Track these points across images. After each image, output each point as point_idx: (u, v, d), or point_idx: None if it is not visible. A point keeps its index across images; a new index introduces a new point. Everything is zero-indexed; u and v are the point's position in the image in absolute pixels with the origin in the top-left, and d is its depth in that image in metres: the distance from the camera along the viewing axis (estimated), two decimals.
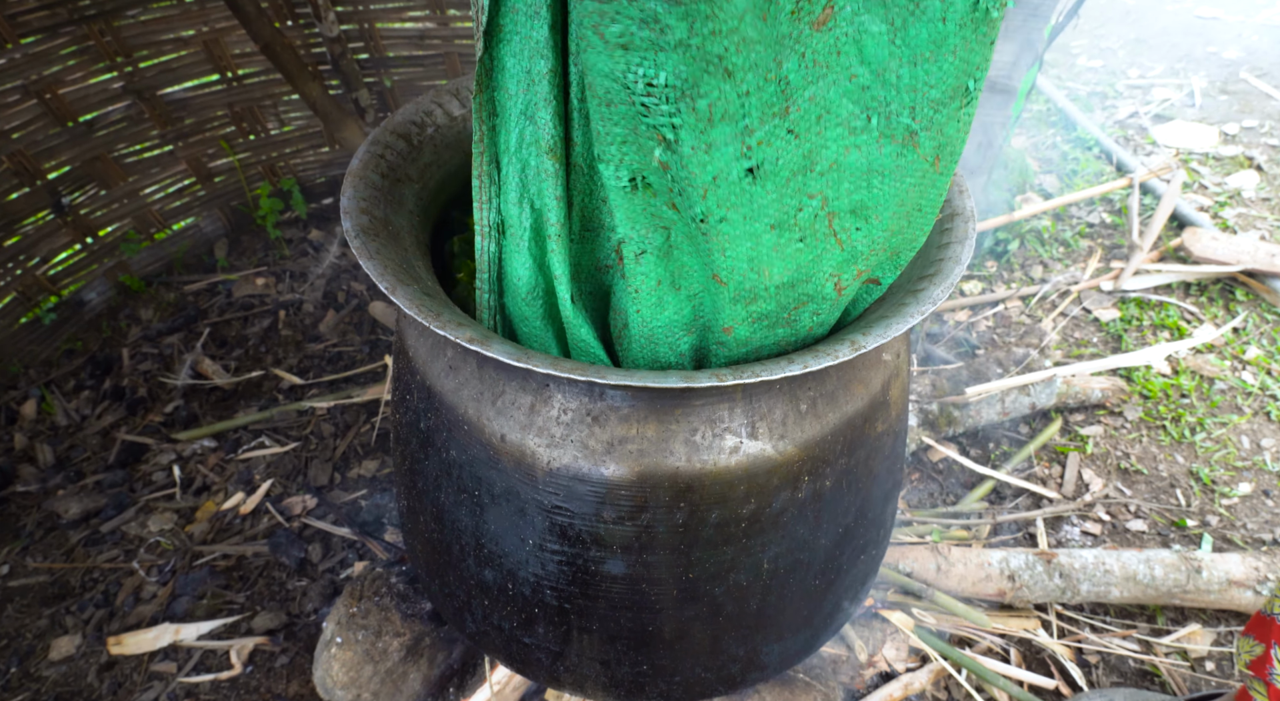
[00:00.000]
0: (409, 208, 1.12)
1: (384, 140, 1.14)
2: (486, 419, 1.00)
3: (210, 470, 2.09)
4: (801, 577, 1.12)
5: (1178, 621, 1.70)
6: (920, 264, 1.02)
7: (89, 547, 1.94)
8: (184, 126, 2.43)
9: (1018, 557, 1.68)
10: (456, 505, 1.09)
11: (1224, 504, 1.88)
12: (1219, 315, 2.30)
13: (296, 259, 2.65)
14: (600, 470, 0.97)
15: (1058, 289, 2.39)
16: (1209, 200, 2.67)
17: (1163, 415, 2.06)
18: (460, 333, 0.86)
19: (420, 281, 0.97)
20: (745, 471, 0.98)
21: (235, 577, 1.88)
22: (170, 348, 2.40)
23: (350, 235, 0.97)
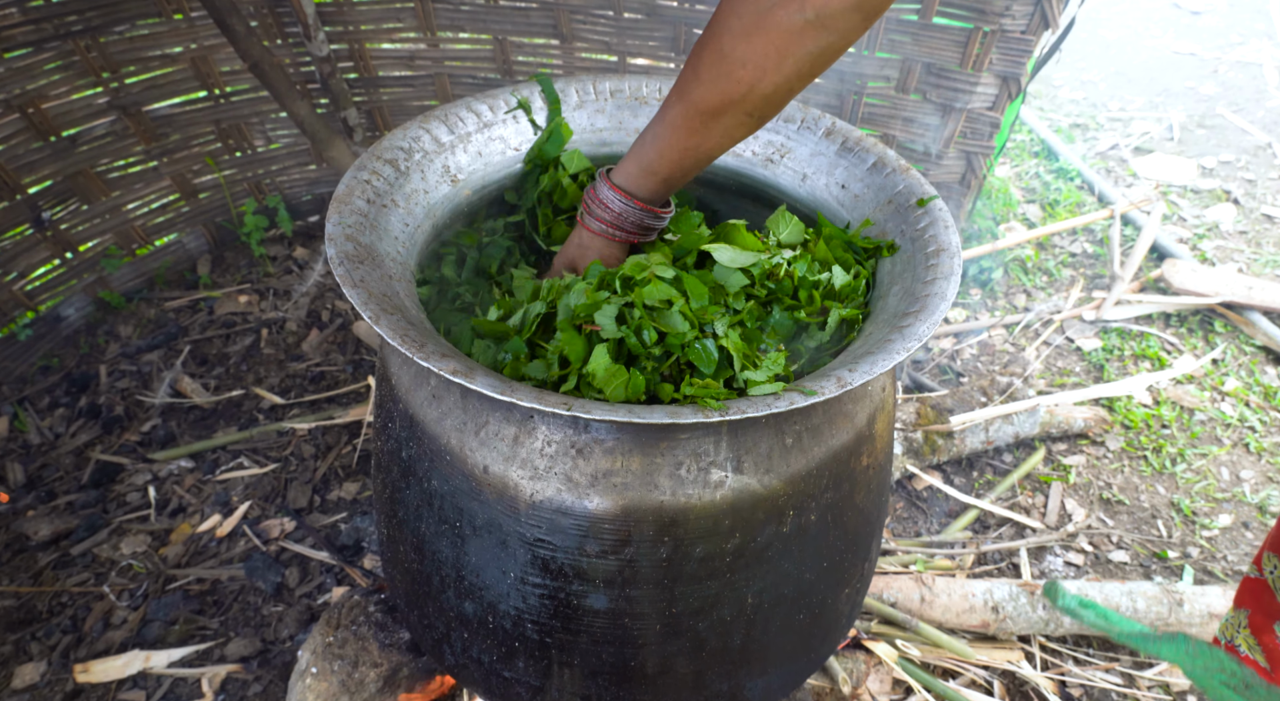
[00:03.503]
0: (394, 234, 1.11)
1: (370, 166, 1.14)
2: (469, 450, 0.99)
3: (187, 491, 2.06)
4: (786, 612, 1.11)
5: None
6: (906, 299, 1.02)
7: (58, 570, 1.90)
8: (169, 142, 2.41)
9: (1002, 589, 1.68)
10: (437, 536, 1.08)
11: (1205, 535, 1.89)
12: (1198, 346, 2.32)
13: (280, 277, 2.63)
14: (584, 503, 0.95)
15: (1040, 318, 2.41)
16: (1188, 232, 2.71)
17: (1144, 445, 2.07)
18: (444, 364, 0.85)
19: (404, 310, 0.96)
20: (730, 506, 0.97)
21: (209, 602, 1.84)
22: (149, 365, 2.37)
23: (334, 262, 0.96)
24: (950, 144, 2.18)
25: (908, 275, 1.07)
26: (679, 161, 1.00)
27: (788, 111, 1.32)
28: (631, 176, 1.06)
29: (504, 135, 1.30)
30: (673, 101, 0.95)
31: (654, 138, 0.99)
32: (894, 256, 1.13)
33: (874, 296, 1.12)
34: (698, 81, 0.89)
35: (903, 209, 1.16)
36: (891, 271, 1.11)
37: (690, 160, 0.99)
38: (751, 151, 1.34)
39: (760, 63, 0.84)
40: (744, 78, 0.86)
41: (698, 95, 0.90)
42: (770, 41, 0.82)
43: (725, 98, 0.89)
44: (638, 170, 1.04)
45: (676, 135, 0.96)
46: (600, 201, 1.09)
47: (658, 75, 1.38)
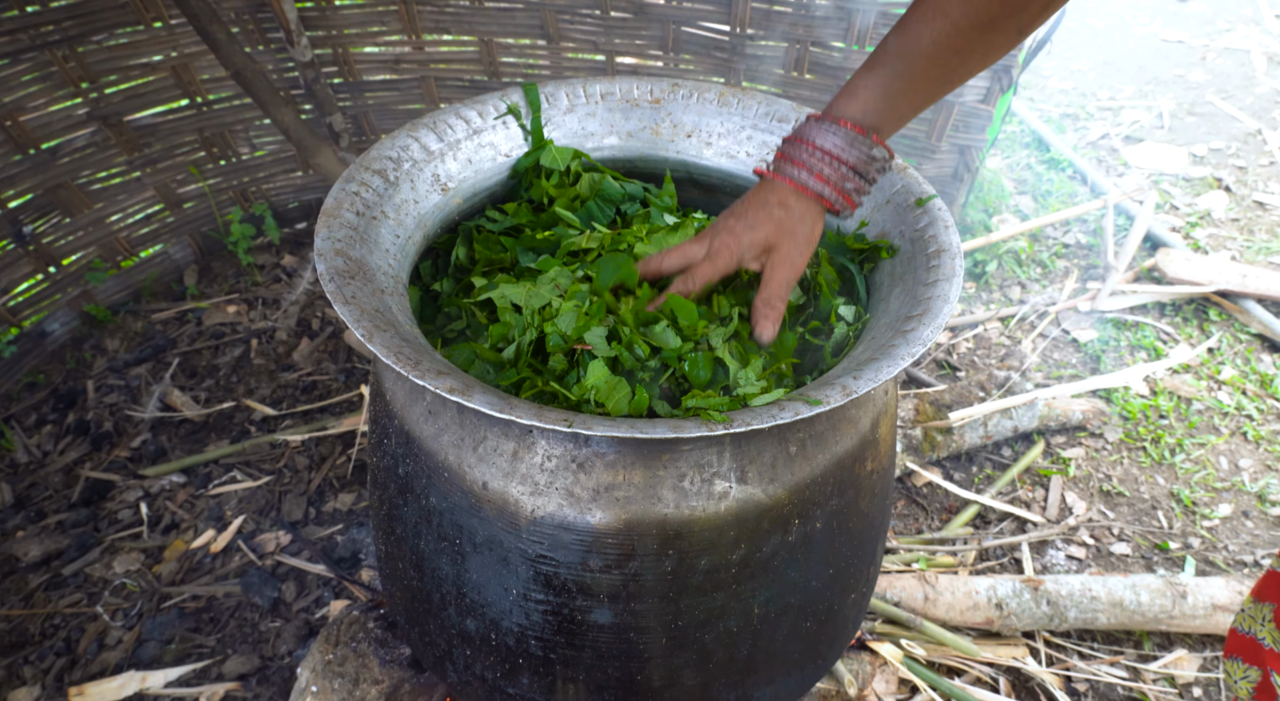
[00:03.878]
0: (385, 246, 1.08)
1: (359, 177, 1.11)
2: (467, 466, 0.97)
3: (179, 507, 2.03)
4: (793, 620, 1.09)
5: (1164, 646, 1.69)
6: (908, 302, 1.01)
7: (50, 592, 1.87)
8: (152, 152, 2.38)
9: (1005, 585, 1.67)
10: (437, 553, 1.06)
11: (1205, 525, 1.88)
12: (1194, 335, 2.32)
13: (269, 285, 2.60)
14: (586, 518, 0.94)
15: (1036, 310, 2.40)
16: (1180, 221, 2.71)
17: (1143, 436, 2.07)
18: (440, 382, 0.83)
19: (397, 326, 0.94)
20: (735, 516, 0.95)
21: (205, 619, 1.82)
22: (138, 379, 2.34)
23: (325, 279, 0.94)
24: (942, 137, 2.16)
25: (908, 277, 1.06)
26: (929, 88, 0.86)
27: (781, 111, 1.31)
28: (869, 110, 0.89)
29: (494, 141, 1.28)
30: (927, 17, 0.82)
31: (904, 66, 0.85)
32: (894, 257, 1.12)
33: (874, 299, 1.10)
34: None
35: (901, 209, 1.15)
36: (892, 272, 1.10)
37: (942, 88, 0.87)
38: (746, 153, 1.32)
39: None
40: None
41: (968, 8, 0.79)
42: None
43: (1004, 6, 0.78)
44: (880, 99, 0.87)
45: (939, 55, 0.83)
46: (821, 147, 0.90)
47: (649, 77, 1.36)
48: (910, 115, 0.91)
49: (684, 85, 1.34)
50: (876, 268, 1.13)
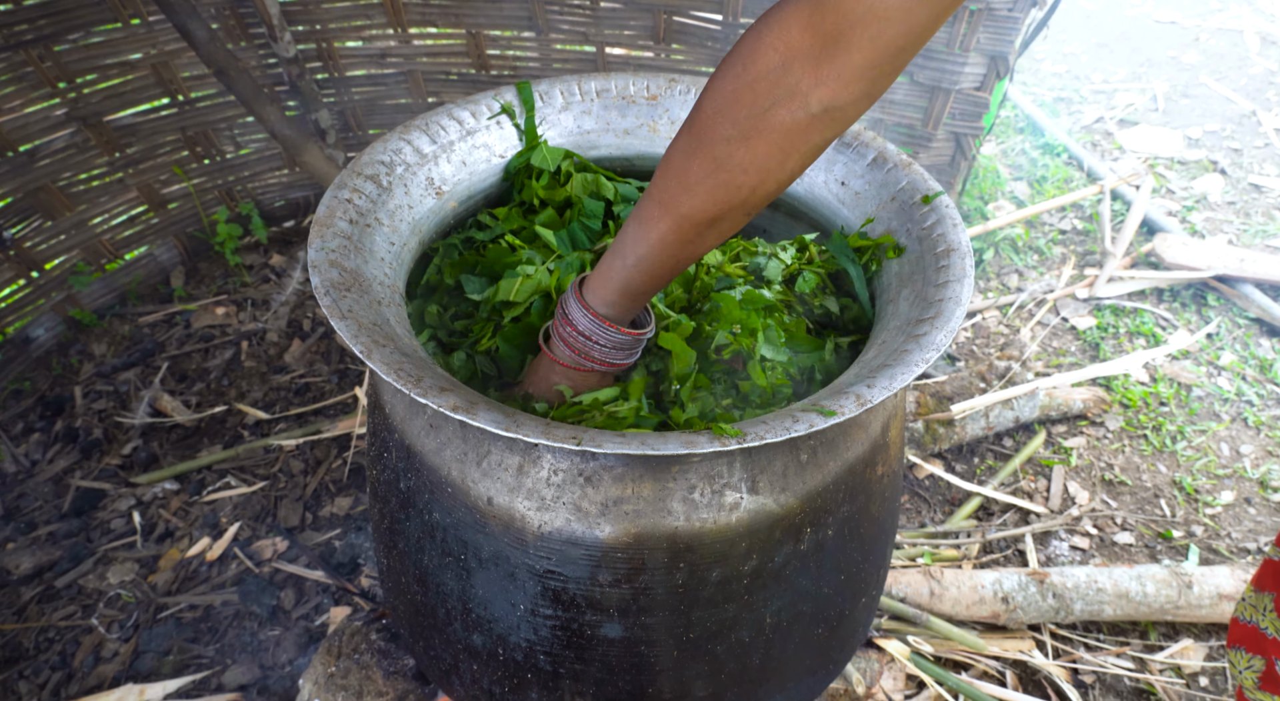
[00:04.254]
0: (380, 255, 1.05)
1: (351, 183, 1.08)
2: (472, 481, 0.95)
3: (173, 515, 2.00)
4: (805, 627, 1.08)
5: (1169, 636, 1.69)
6: (918, 304, 0.99)
7: (43, 604, 1.84)
8: (134, 153, 2.33)
9: (1011, 579, 1.66)
10: (441, 568, 1.03)
11: (1208, 513, 1.88)
12: (1192, 321, 2.31)
13: (258, 286, 2.56)
14: (595, 533, 0.91)
15: (1034, 298, 2.38)
16: (1176, 205, 2.69)
17: (1143, 424, 2.06)
18: (443, 400, 0.80)
19: (396, 339, 0.91)
20: (747, 527, 0.93)
21: (203, 629, 1.79)
22: (126, 384, 2.30)
23: (320, 293, 0.91)
24: (939, 126, 2.14)
25: (918, 277, 1.03)
26: (668, 274, 0.90)
27: None
28: (612, 304, 0.94)
29: (488, 142, 1.25)
30: (655, 216, 0.84)
31: (637, 259, 0.88)
32: (901, 257, 1.09)
33: (882, 301, 1.08)
34: (689, 193, 0.81)
35: (907, 206, 1.12)
36: (900, 273, 1.07)
37: (680, 268, 0.90)
38: None
39: (763, 165, 0.77)
40: (745, 183, 0.78)
41: (691, 207, 0.81)
42: (773, 143, 0.75)
43: (725, 205, 0.81)
44: (619, 295, 0.93)
45: (667, 249, 0.86)
46: (578, 330, 0.96)
47: (644, 72, 1.33)
48: (653, 294, 0.95)
49: (681, 81, 1.31)
50: (883, 268, 1.11)
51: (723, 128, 0.75)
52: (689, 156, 0.79)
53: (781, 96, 0.73)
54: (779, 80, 0.72)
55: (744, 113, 0.74)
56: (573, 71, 2.41)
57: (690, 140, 0.79)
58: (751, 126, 0.74)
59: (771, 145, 0.75)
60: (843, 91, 0.72)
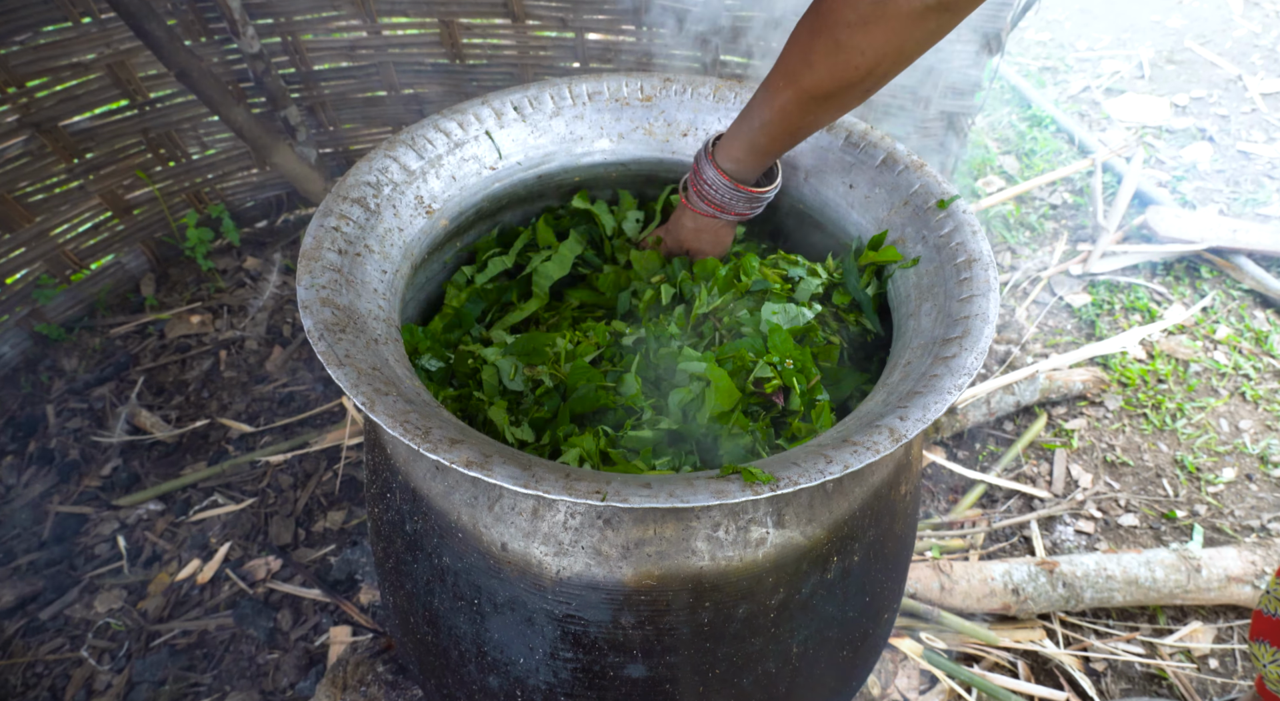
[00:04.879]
0: (373, 286, 0.99)
1: (337, 209, 1.02)
2: (484, 526, 0.90)
3: (159, 537, 1.94)
4: (830, 652, 1.05)
5: (1178, 619, 1.69)
6: (942, 320, 0.94)
7: (28, 638, 1.77)
8: (94, 158, 2.22)
9: (1020, 570, 1.65)
10: (453, 612, 0.99)
11: (1210, 491, 1.88)
12: (1186, 294, 2.30)
13: (233, 291, 2.47)
14: (616, 576, 0.87)
15: (1028, 276, 2.36)
16: (1167, 175, 2.67)
17: (1143, 403, 2.05)
18: (455, 455, 0.75)
19: (397, 383, 0.85)
20: (773, 563, 0.90)
21: (199, 656, 1.74)
22: (101, 401, 2.21)
23: (314, 337, 0.85)
24: (929, 106, 2.09)
25: (938, 290, 0.99)
26: (788, 141, 1.02)
27: None
28: (739, 161, 1.07)
29: (477, 154, 1.18)
30: (780, 86, 0.94)
31: (762, 124, 0.99)
32: (919, 266, 1.05)
33: (901, 314, 1.03)
34: (810, 69, 0.89)
35: (921, 211, 1.08)
36: (918, 284, 1.03)
37: (799, 137, 1.01)
38: None
39: (880, 49, 0.83)
40: (862, 64, 0.85)
41: (811, 82, 0.90)
42: (891, 28, 0.81)
43: (842, 83, 0.88)
44: (745, 152, 1.05)
45: (787, 119, 0.96)
46: (708, 184, 1.11)
47: (638, 73, 1.26)
48: (777, 155, 1.07)
49: (676, 80, 1.25)
50: (899, 278, 1.07)
51: (844, 11, 0.82)
52: (812, 35, 0.87)
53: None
54: None
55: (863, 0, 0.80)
56: (551, 58, 2.33)
57: (814, 19, 0.86)
58: (871, 12, 0.80)
59: (889, 31, 0.81)
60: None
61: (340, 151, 2.49)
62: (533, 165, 1.23)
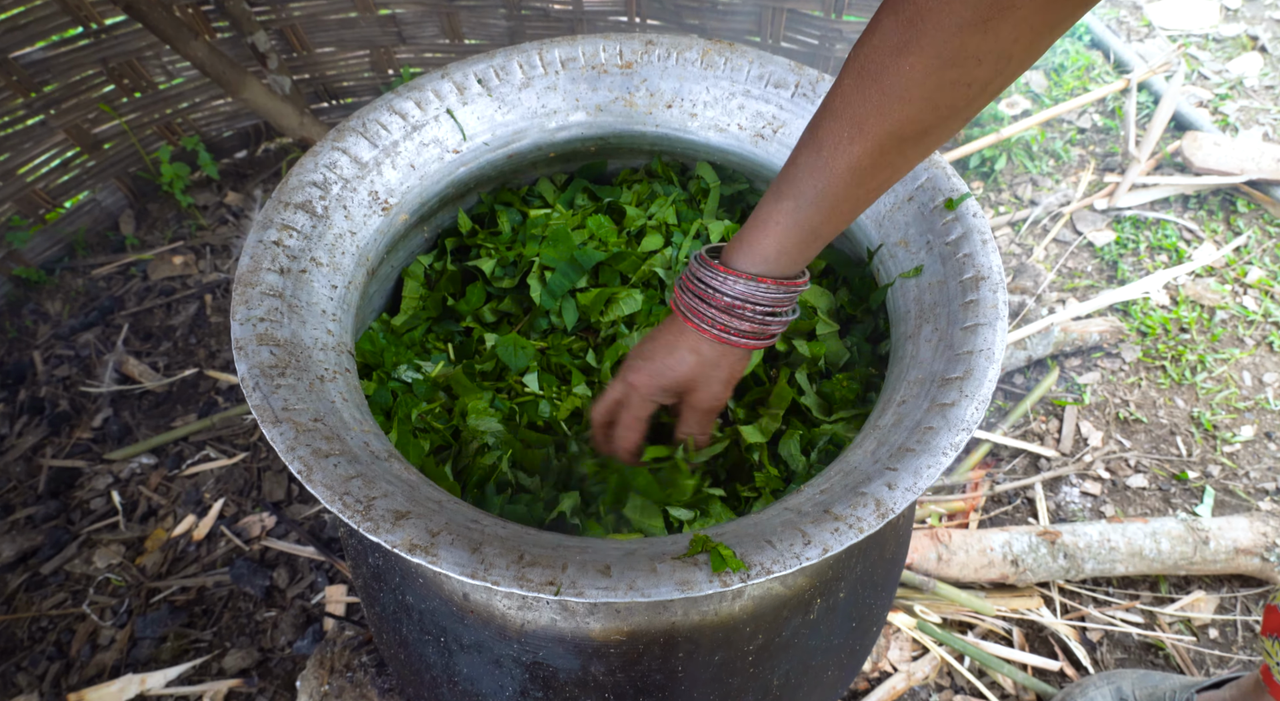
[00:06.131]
0: (321, 306, 0.91)
1: (278, 219, 0.92)
2: (444, 576, 0.85)
3: (154, 491, 1.93)
4: (816, 676, 1.02)
5: (1180, 587, 1.66)
6: (943, 351, 0.85)
7: (31, 593, 1.80)
8: (52, 92, 2.08)
9: (1021, 540, 1.61)
10: (421, 642, 0.96)
11: (1225, 451, 1.81)
12: (1219, 231, 2.16)
13: (215, 229, 2.38)
14: (584, 631, 0.83)
15: (1049, 211, 2.22)
16: (1209, 92, 2.46)
17: (1162, 354, 1.95)
18: (397, 536, 0.69)
19: (342, 435, 0.78)
20: (751, 614, 0.85)
21: (198, 613, 1.76)
22: (88, 348, 2.17)
23: (248, 388, 0.78)
24: None
25: (941, 311, 0.89)
26: (852, 212, 0.75)
27: (777, 74, 1.09)
28: (774, 259, 0.78)
29: (439, 136, 1.07)
30: (847, 136, 0.68)
31: (818, 195, 0.72)
32: (921, 276, 0.95)
33: (898, 332, 0.94)
34: (902, 101, 0.64)
35: (926, 211, 0.97)
36: (919, 299, 0.93)
37: (866, 204, 0.75)
38: (738, 125, 1.11)
39: (1006, 52, 0.60)
40: (978, 78, 0.62)
41: (902, 117, 0.65)
42: (1022, 20, 0.58)
43: (946, 110, 0.65)
44: (791, 243, 0.77)
45: (858, 177, 0.70)
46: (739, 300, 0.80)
47: (616, 35, 1.12)
48: (830, 238, 0.79)
49: (660, 43, 1.11)
50: (899, 289, 0.97)
51: (953, 11, 0.58)
52: (897, 54, 0.62)
53: None
54: None
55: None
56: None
57: (901, 33, 0.62)
58: (992, 6, 0.57)
59: (1020, 24, 0.58)
60: None
61: (316, 78, 2.33)
62: (501, 144, 1.11)
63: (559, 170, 1.22)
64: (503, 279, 1.11)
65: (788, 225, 0.75)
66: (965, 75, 0.61)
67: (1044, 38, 0.60)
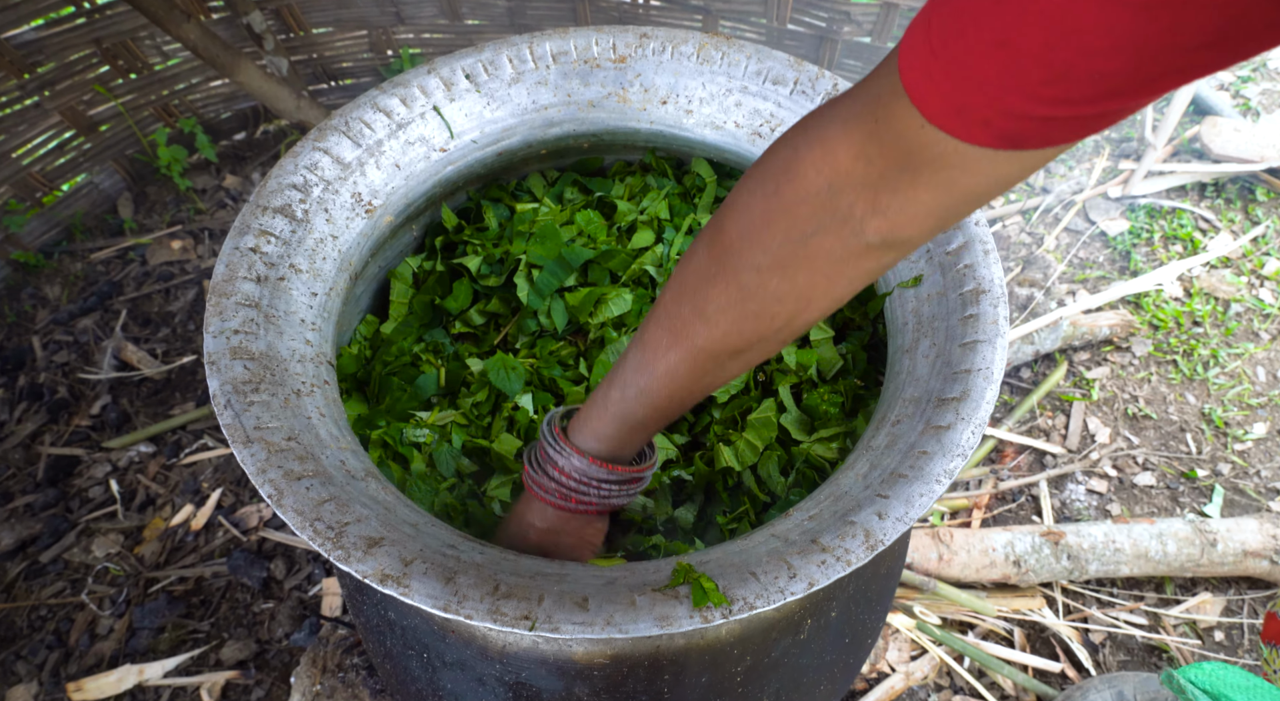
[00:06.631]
0: (300, 315, 0.88)
1: (255, 224, 0.89)
2: None
3: (152, 480, 1.93)
4: (808, 692, 1.00)
5: (1186, 588, 1.63)
6: (940, 369, 0.82)
7: (30, 581, 1.80)
8: (46, 73, 2.05)
9: (1024, 540, 1.59)
10: (405, 656, 0.94)
11: (1236, 449, 1.77)
12: (1236, 221, 2.10)
13: (213, 213, 2.35)
14: (566, 653, 0.81)
15: (1061, 199, 2.16)
16: (1230, 74, 2.39)
17: (1173, 348, 1.91)
18: (369, 565, 0.67)
19: (317, 453, 0.76)
20: (739, 637, 0.83)
21: (196, 603, 1.76)
22: (86, 333, 2.16)
23: (219, 405, 0.76)
24: None
25: (939, 325, 0.86)
26: (677, 408, 0.77)
27: (775, 70, 1.05)
28: (608, 439, 0.80)
29: (425, 134, 1.04)
30: (665, 344, 0.70)
31: (639, 391, 0.75)
32: (920, 287, 0.91)
33: (895, 345, 0.91)
34: (707, 323, 0.67)
35: None
36: (918, 310, 0.90)
37: (693, 401, 0.77)
38: (735, 123, 1.08)
39: (804, 295, 0.63)
40: (780, 312, 0.65)
41: (709, 338, 0.68)
42: (817, 271, 0.61)
43: (753, 337, 0.67)
44: (617, 428, 0.79)
45: (676, 382, 0.72)
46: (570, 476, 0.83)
47: (609, 29, 1.08)
48: (662, 427, 0.81)
49: (655, 36, 1.07)
50: (897, 299, 0.93)
51: (752, 254, 0.62)
52: (707, 281, 0.66)
53: (829, 222, 0.58)
54: (825, 204, 0.57)
55: (779, 239, 0.60)
56: None
57: (709, 263, 0.65)
58: (790, 254, 0.61)
59: (815, 274, 0.62)
60: (906, 226, 0.57)
61: (314, 59, 2.29)
62: (491, 142, 1.08)
63: (550, 166, 1.19)
64: (489, 277, 1.08)
65: (613, 413, 0.77)
66: (766, 310, 0.64)
67: (840, 287, 0.63)
